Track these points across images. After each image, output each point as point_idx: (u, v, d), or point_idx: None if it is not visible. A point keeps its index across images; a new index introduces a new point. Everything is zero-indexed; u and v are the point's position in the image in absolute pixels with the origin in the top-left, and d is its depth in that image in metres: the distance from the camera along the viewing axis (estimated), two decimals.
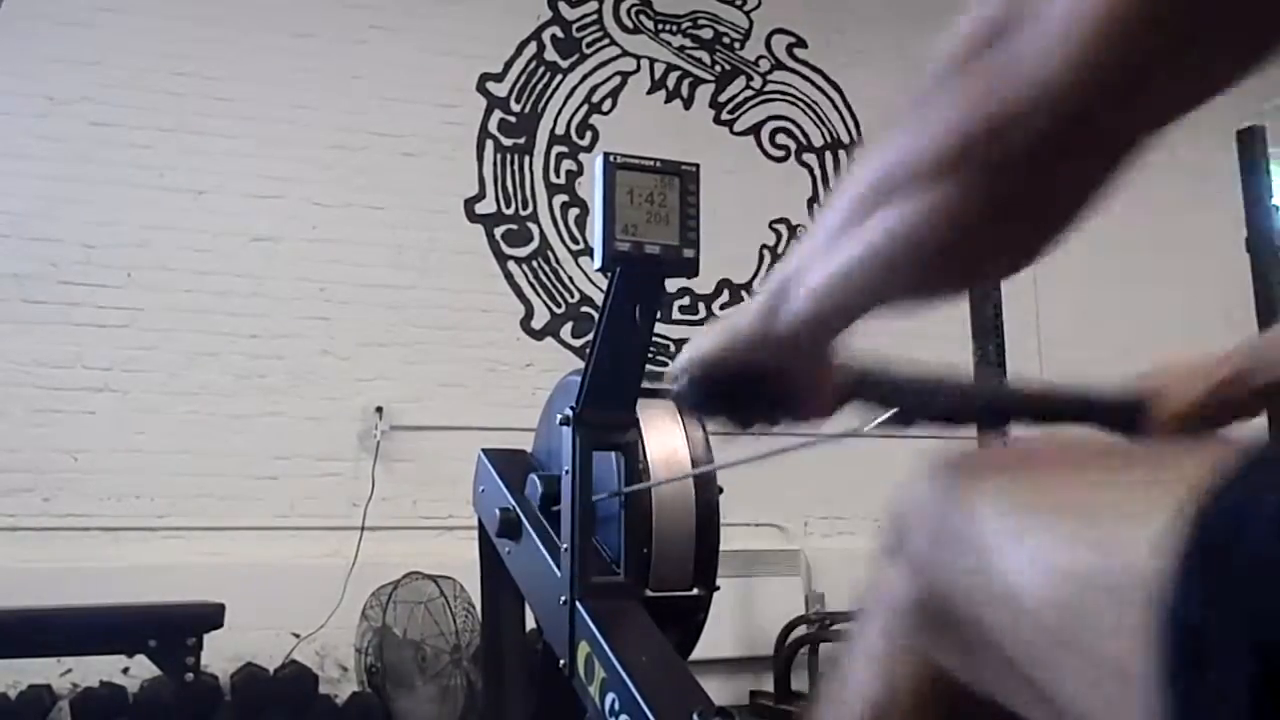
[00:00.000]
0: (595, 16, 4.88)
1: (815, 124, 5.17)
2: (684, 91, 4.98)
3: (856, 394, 0.81)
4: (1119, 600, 0.42)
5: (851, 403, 0.81)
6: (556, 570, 1.40)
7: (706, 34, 5.06)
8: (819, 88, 5.20)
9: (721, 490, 1.50)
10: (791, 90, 5.16)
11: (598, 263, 1.30)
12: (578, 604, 1.34)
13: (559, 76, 4.78)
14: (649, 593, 1.40)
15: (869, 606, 0.63)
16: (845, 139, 5.21)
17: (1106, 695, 0.44)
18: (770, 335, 0.65)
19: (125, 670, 3.61)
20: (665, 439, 1.47)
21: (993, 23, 0.46)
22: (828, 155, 5.17)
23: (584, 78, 4.82)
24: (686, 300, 4.77)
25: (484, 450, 1.68)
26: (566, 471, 1.39)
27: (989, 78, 0.47)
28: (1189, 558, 0.39)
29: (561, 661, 1.36)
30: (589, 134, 4.76)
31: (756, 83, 5.11)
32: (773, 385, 0.72)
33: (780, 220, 5.01)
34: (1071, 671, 0.46)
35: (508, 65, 4.71)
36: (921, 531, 0.57)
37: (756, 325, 0.66)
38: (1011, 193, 0.49)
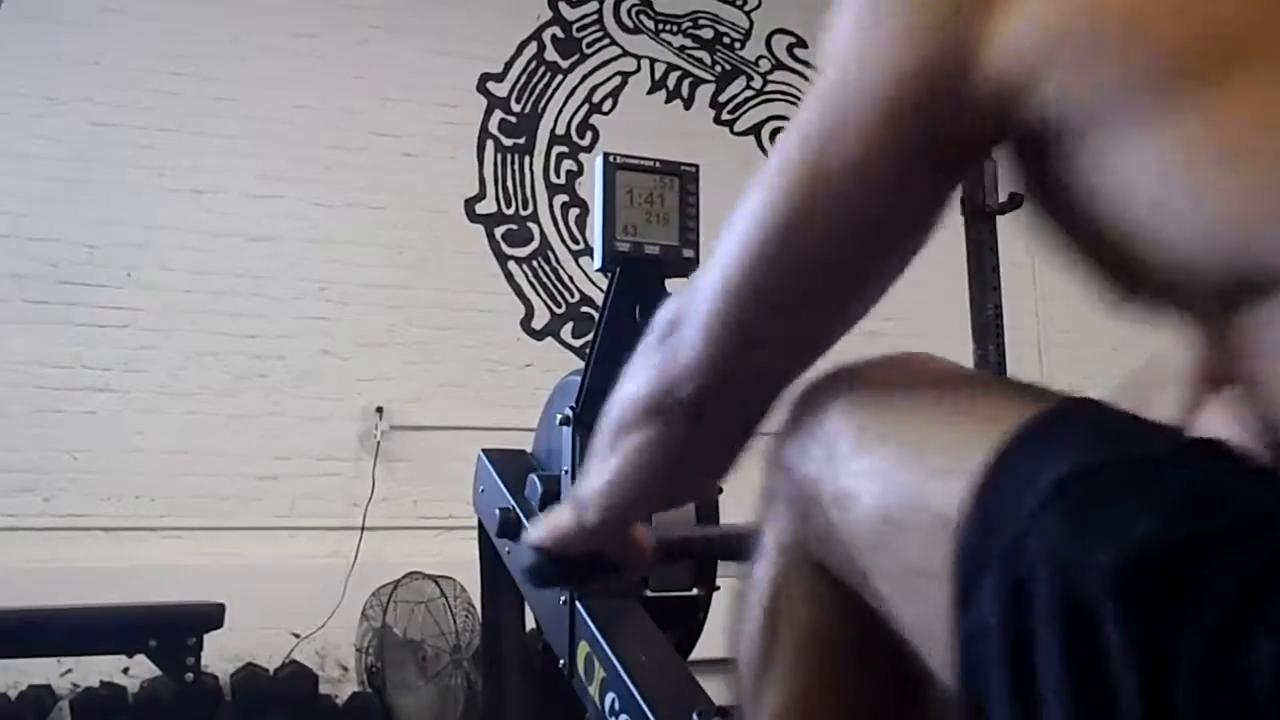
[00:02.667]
0: (595, 16, 4.88)
1: None
2: (684, 91, 4.98)
3: (666, 555, 1.06)
4: (929, 520, 0.53)
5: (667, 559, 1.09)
6: None
7: (707, 34, 5.07)
8: None
9: (721, 490, 1.50)
10: (792, 90, 5.16)
11: (598, 263, 1.31)
12: (577, 604, 1.34)
13: (559, 76, 4.78)
14: (649, 593, 1.40)
15: (763, 512, 0.72)
16: None
17: (907, 593, 0.57)
18: (582, 532, 0.87)
19: (125, 670, 3.61)
20: None
21: (672, 315, 0.72)
22: None
23: (584, 78, 4.82)
24: None
25: (484, 450, 1.68)
26: (566, 471, 1.39)
27: (661, 356, 0.72)
28: (976, 506, 0.50)
29: (561, 661, 1.36)
30: (589, 134, 4.77)
31: (756, 83, 5.11)
32: (598, 559, 0.94)
33: None
34: (886, 567, 0.58)
35: (508, 65, 4.71)
36: (793, 435, 0.67)
37: (572, 526, 0.88)
38: (682, 435, 0.72)
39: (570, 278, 4.61)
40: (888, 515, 0.57)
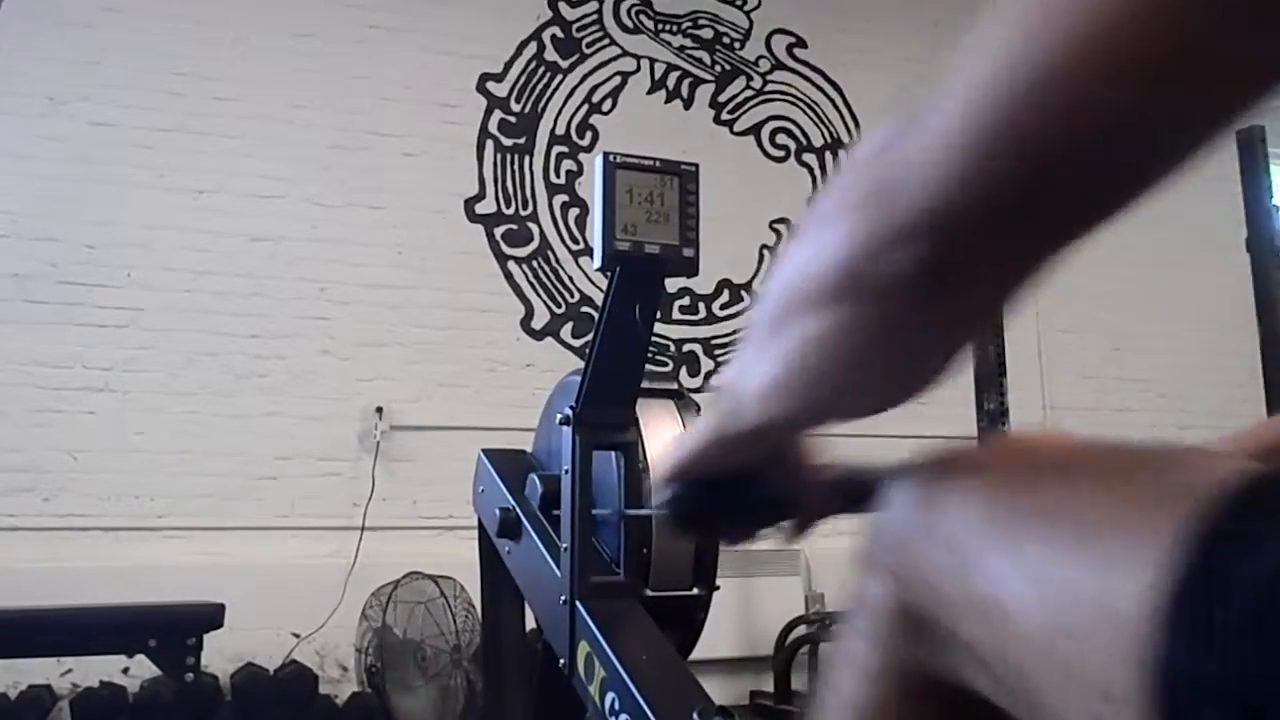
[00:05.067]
0: (595, 16, 4.88)
1: (815, 124, 5.17)
2: (684, 91, 4.98)
3: (843, 501, 0.73)
4: (1109, 626, 0.41)
5: (842, 508, 0.74)
6: (556, 570, 1.40)
7: (706, 34, 5.07)
8: (819, 88, 5.20)
9: None
10: (791, 90, 5.16)
11: (597, 262, 1.30)
12: (578, 604, 1.34)
13: (559, 76, 4.78)
14: (649, 592, 1.40)
15: (851, 613, 0.60)
16: (845, 139, 5.21)
17: (1084, 715, 0.43)
18: (737, 437, 0.63)
19: (125, 670, 3.61)
20: (665, 438, 1.47)
21: (883, 141, 0.45)
22: (828, 155, 5.17)
23: (584, 78, 4.82)
24: (686, 300, 4.77)
25: (484, 450, 1.68)
26: (566, 471, 1.39)
27: (869, 197, 0.46)
28: (1180, 601, 0.38)
29: (561, 661, 1.36)
30: (589, 134, 4.77)
31: (756, 83, 5.11)
32: (754, 491, 0.70)
33: (780, 220, 5.01)
34: (1055, 689, 0.45)
35: (508, 65, 4.71)
36: (902, 534, 0.55)
37: (720, 431, 0.64)
38: (897, 318, 0.48)
39: (570, 278, 4.61)
40: (1050, 622, 0.45)
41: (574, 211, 4.67)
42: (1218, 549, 0.39)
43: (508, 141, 4.65)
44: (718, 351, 4.79)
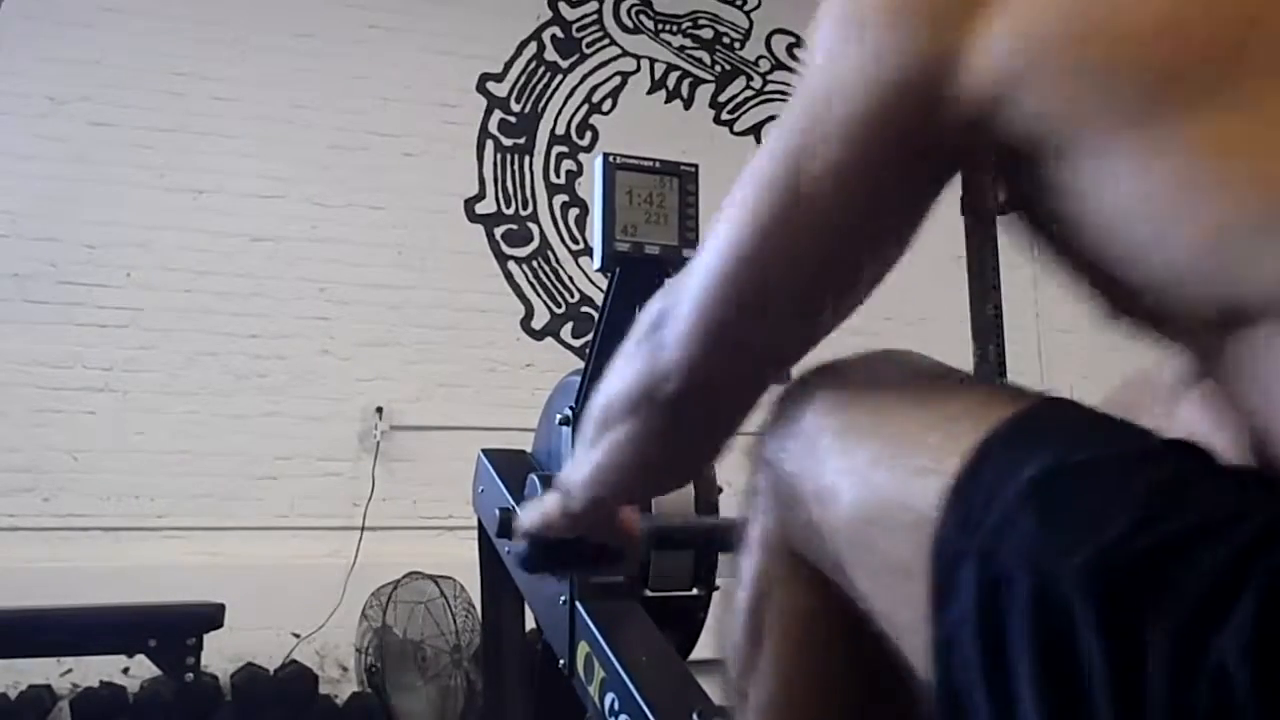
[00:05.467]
0: (595, 16, 4.88)
1: None
2: (684, 91, 4.98)
3: (658, 542, 1.23)
4: (908, 518, 0.55)
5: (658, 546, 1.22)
6: None
7: (706, 34, 5.06)
8: None
9: (721, 490, 1.50)
10: (791, 90, 5.15)
11: (597, 263, 1.31)
12: (577, 604, 1.34)
13: (559, 76, 4.78)
14: (648, 593, 1.40)
15: (747, 507, 0.75)
16: None
17: (887, 589, 0.58)
18: (567, 517, 0.92)
19: (125, 670, 3.61)
20: None
21: (656, 314, 0.74)
22: None
23: (584, 78, 4.82)
24: None
25: (484, 450, 1.68)
26: None
27: (643, 355, 0.74)
28: (955, 498, 0.52)
29: (561, 661, 1.36)
30: (589, 134, 4.76)
31: (756, 83, 5.11)
32: (585, 546, 1.01)
33: None
34: (862, 564, 0.60)
35: (508, 65, 4.71)
36: (780, 427, 0.69)
37: (558, 511, 0.93)
38: (660, 433, 0.75)
39: (570, 278, 4.61)
40: (868, 513, 0.58)
41: (574, 211, 4.67)
42: (984, 465, 0.52)
43: (508, 141, 4.65)
44: None
